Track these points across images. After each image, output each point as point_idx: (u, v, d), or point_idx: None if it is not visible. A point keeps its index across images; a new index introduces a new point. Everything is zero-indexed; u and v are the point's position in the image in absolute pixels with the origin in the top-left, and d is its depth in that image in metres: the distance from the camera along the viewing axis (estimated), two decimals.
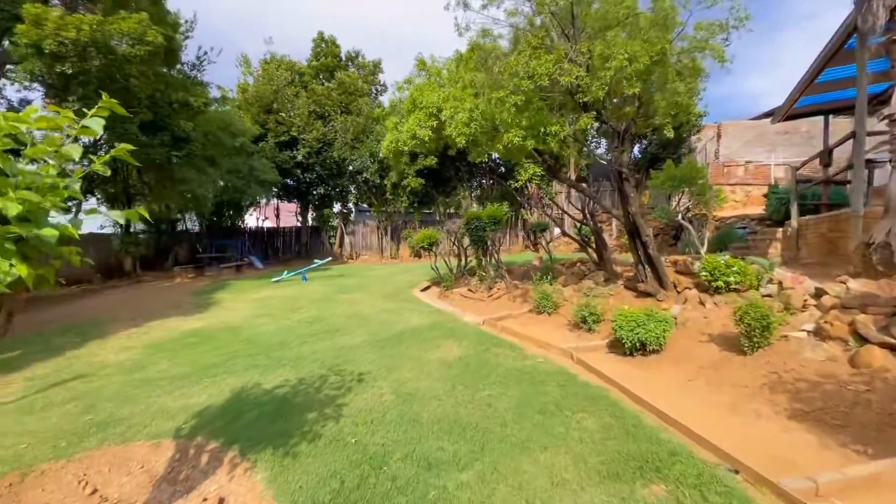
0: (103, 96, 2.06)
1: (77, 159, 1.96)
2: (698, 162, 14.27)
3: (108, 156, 2.18)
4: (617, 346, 5.53)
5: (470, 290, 9.85)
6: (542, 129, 6.11)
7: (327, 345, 6.51)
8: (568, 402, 4.25)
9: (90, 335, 7.87)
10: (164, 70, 10.53)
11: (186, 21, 14.00)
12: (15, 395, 5.29)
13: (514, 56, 5.29)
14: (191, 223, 19.83)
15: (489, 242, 10.37)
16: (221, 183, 16.62)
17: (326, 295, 10.37)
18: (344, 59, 22.93)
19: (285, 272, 13.31)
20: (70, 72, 7.44)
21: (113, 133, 8.64)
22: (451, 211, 23.20)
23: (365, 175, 20.10)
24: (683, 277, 7.27)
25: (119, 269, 15.11)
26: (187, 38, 14.14)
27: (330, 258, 15.31)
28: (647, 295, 6.97)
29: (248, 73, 20.57)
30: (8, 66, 8.22)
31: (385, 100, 23.52)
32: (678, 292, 6.89)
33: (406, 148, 7.14)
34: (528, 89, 5.16)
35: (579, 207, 9.96)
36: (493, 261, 10.00)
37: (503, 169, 21.87)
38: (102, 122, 2.07)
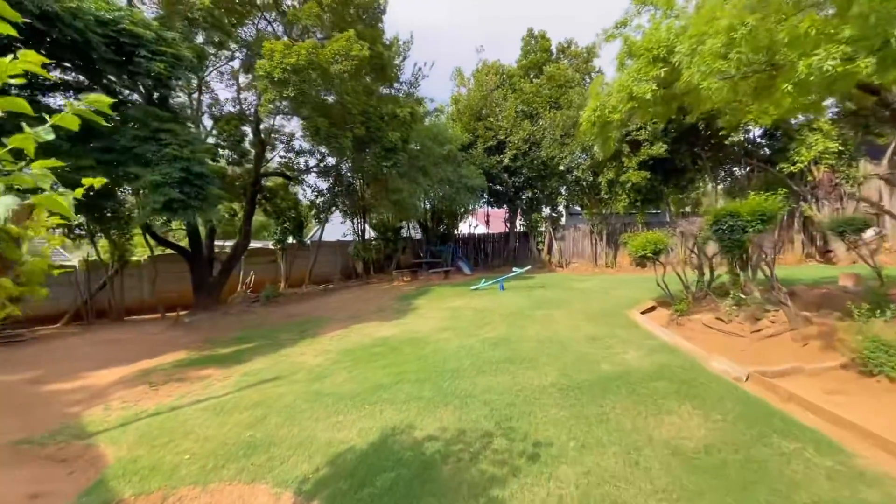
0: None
1: None
2: None
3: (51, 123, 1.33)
4: None
5: (719, 318, 6.85)
6: None
7: (505, 381, 5.06)
8: None
9: (308, 333, 8.58)
10: (377, 86, 11.35)
11: (404, 42, 15.02)
12: (224, 389, 5.72)
13: None
14: (413, 231, 21.69)
15: (751, 249, 7.12)
16: (440, 193, 17.40)
17: (521, 309, 8.98)
18: (555, 52, 21.37)
19: (482, 281, 12.60)
20: (292, 94, 8.48)
21: (329, 146, 9.63)
22: (687, 210, 18.74)
23: (576, 173, 18.00)
24: None
25: (354, 271, 17.42)
26: (405, 57, 15.15)
27: (529, 266, 13.94)
28: None
29: (461, 85, 21.31)
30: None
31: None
32: None
33: (616, 116, 5.01)
34: None
35: None
36: (764, 277, 6.72)
37: (766, 150, 16.28)
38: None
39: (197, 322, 10.71)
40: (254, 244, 19.98)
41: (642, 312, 8.27)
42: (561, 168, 18.91)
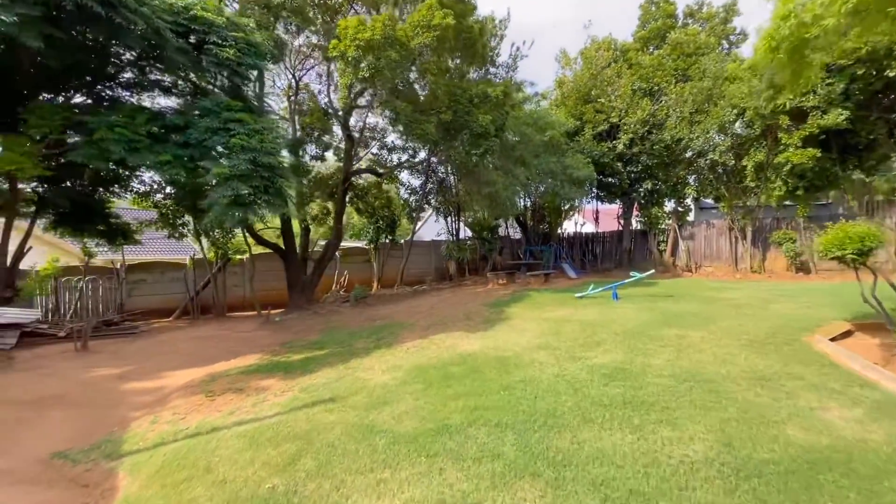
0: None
1: None
2: None
3: None
4: None
5: None
6: None
7: (626, 443, 3.38)
8: None
9: (383, 342, 7.67)
10: (466, 67, 10.20)
11: (500, 20, 13.64)
12: (274, 409, 4.93)
13: None
14: (512, 230, 20.10)
15: None
16: (540, 187, 15.67)
17: (643, 327, 6.95)
18: (681, 17, 18.11)
19: (590, 287, 10.55)
20: (367, 74, 7.65)
21: (412, 132, 8.74)
22: (871, 198, 14.23)
23: (711, 156, 14.75)
24: None
25: (447, 272, 16.47)
26: (501, 37, 13.77)
27: (652, 271, 11.42)
28: None
29: (566, 66, 19.11)
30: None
31: (746, 51, 17.05)
32: None
33: (829, 22, 2.93)
34: None
35: None
36: None
37: None
38: None
39: (285, 321, 10.59)
40: (350, 244, 20.26)
41: (832, 339, 5.74)
42: (689, 153, 15.78)
